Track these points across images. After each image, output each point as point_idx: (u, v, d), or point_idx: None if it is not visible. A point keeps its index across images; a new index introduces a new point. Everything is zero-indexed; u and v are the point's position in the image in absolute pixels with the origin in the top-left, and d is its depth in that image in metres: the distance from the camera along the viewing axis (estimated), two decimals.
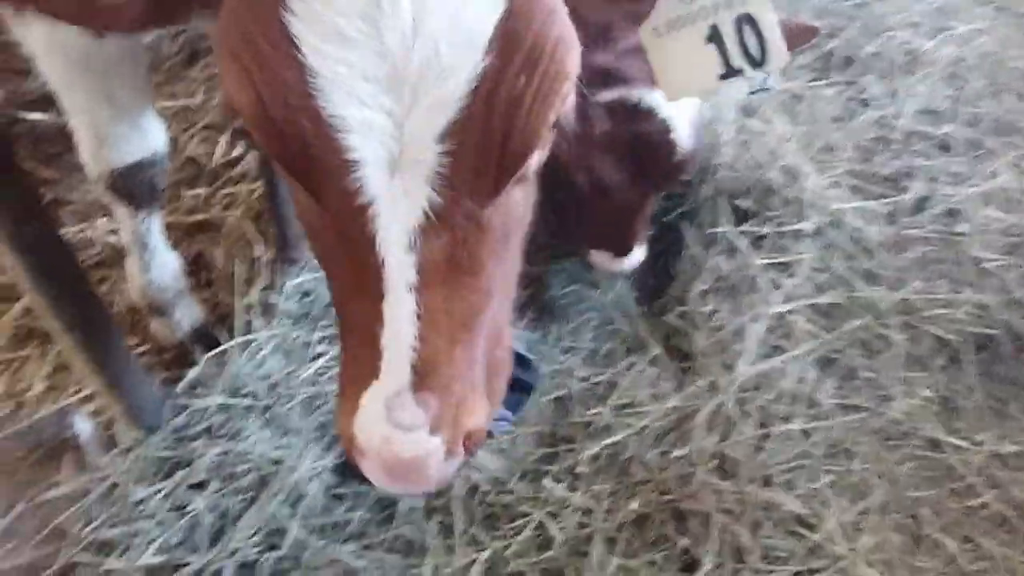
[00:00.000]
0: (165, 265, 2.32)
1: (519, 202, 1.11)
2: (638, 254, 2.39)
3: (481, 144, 0.96)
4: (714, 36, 1.24)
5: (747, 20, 1.21)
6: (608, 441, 2.28)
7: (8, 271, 1.70)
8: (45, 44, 1.61)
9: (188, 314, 2.43)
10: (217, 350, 2.25)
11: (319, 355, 2.32)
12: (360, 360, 1.05)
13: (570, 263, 2.79)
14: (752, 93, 1.36)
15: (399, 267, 1.00)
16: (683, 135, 2.13)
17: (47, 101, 3.03)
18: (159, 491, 1.99)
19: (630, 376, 2.45)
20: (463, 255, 1.03)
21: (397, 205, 0.97)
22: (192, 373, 2.21)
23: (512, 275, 1.21)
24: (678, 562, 2.08)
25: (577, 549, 2.12)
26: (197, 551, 1.96)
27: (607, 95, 2.08)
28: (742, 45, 1.24)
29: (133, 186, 2.02)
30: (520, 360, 1.42)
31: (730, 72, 1.27)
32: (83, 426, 2.11)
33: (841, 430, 2.29)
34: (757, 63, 1.25)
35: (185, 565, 1.93)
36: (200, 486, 2.03)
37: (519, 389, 1.62)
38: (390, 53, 0.90)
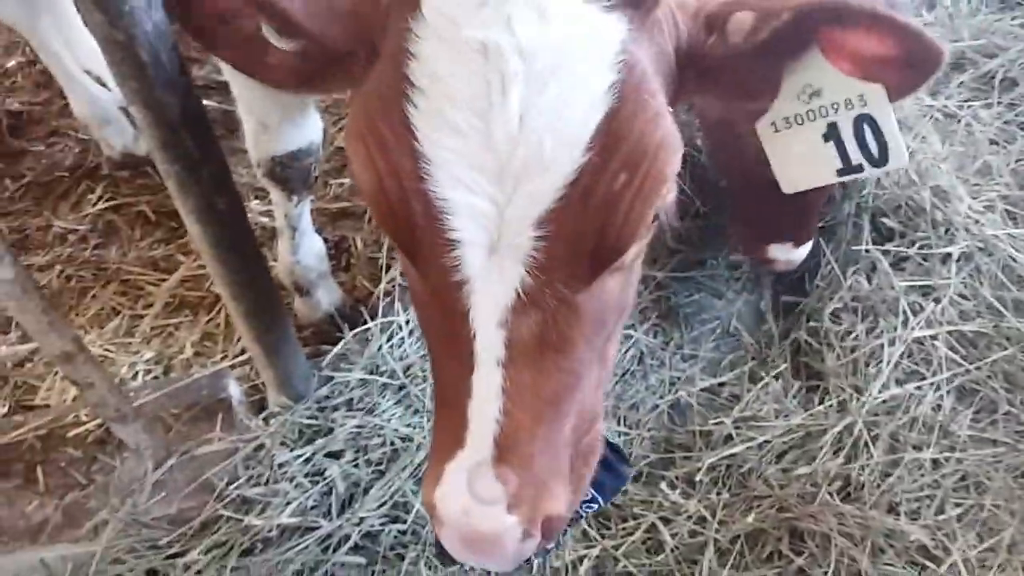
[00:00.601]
0: (311, 247, 2.44)
1: (615, 290, 1.14)
2: (809, 246, 2.33)
3: (575, 234, 1.01)
4: (832, 134, 1.24)
5: (867, 120, 1.20)
6: (727, 452, 2.26)
7: (191, 239, 1.81)
8: None
9: (328, 295, 2.55)
10: (360, 329, 2.36)
11: None
12: (448, 428, 1.10)
13: (695, 271, 2.78)
14: None
15: (489, 341, 1.05)
16: None
17: (211, 88, 3.26)
18: (300, 456, 2.10)
19: (753, 390, 2.42)
20: (552, 335, 1.06)
21: (491, 283, 1.03)
22: (337, 348, 2.32)
23: (607, 363, 1.24)
24: None
25: (688, 557, 2.12)
26: (328, 516, 2.06)
27: None
28: (861, 144, 1.23)
29: (290, 172, 2.15)
30: (612, 447, 1.44)
31: (849, 169, 1.26)
32: (235, 389, 2.23)
33: (974, 463, 2.20)
34: (876, 162, 1.24)
35: (316, 528, 2.04)
36: (336, 455, 2.13)
37: (613, 473, 1.58)
38: (497, 146, 0.96)
